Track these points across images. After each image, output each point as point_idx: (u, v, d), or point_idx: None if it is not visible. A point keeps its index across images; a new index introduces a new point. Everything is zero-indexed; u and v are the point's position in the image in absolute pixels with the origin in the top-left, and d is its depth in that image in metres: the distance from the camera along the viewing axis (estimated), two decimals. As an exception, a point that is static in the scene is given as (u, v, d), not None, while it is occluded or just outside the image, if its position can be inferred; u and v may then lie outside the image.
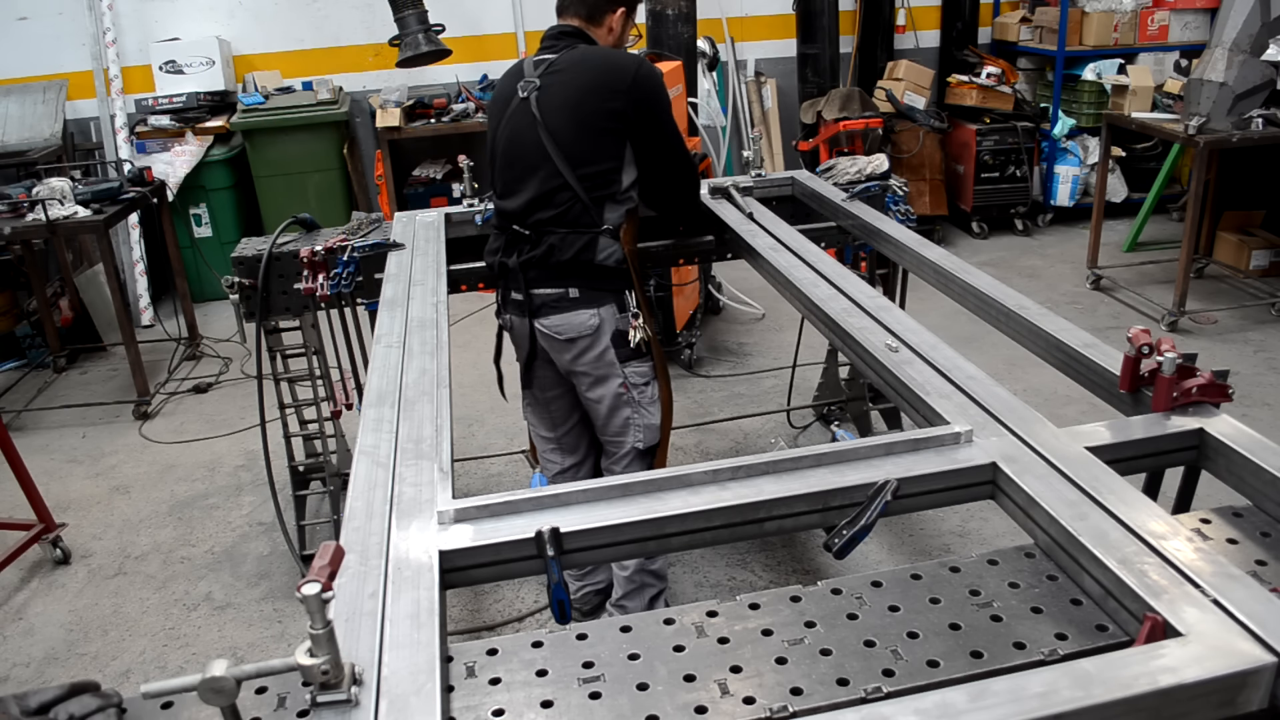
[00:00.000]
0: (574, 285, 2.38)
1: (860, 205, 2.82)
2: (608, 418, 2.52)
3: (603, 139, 2.34)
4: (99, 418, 4.48)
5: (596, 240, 2.36)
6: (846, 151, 5.43)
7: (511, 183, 2.43)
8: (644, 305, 2.46)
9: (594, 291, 2.39)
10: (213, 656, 1.23)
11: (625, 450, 2.55)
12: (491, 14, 6.28)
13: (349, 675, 1.01)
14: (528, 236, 2.39)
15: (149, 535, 3.49)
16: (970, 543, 3.17)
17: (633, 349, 2.44)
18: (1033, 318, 1.92)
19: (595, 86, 2.32)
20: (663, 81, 2.43)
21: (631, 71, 2.32)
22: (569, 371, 2.51)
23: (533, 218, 2.37)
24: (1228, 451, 1.42)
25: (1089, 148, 6.28)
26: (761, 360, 4.70)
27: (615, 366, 2.44)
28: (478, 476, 3.77)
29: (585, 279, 2.37)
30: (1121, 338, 1.59)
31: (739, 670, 1.09)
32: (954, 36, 6.58)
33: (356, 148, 6.19)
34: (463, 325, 5.25)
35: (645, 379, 2.50)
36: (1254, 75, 4.51)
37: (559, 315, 2.40)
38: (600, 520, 1.31)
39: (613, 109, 2.31)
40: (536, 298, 2.42)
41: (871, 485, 1.36)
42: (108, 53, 5.76)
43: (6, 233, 4.09)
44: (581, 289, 2.38)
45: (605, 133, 2.33)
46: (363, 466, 1.48)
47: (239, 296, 2.79)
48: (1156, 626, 1.05)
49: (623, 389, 2.46)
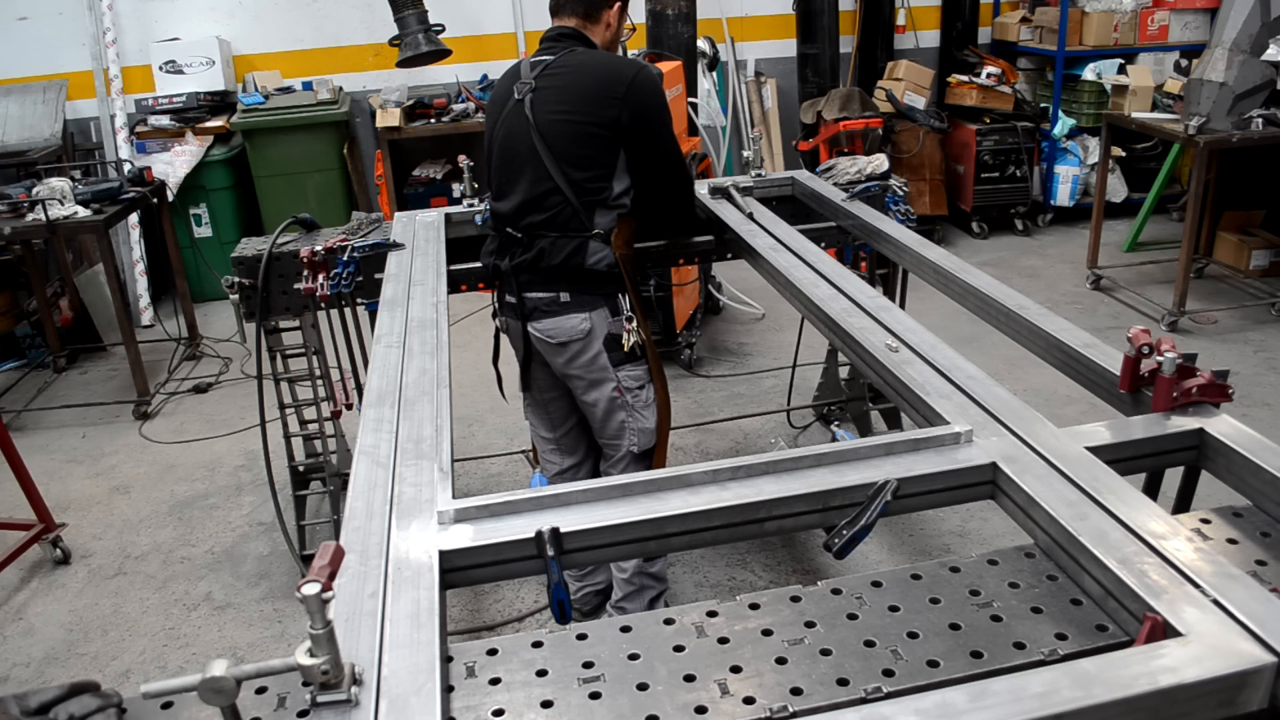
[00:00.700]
0: (564, 289, 2.37)
1: (860, 205, 2.82)
2: (603, 421, 2.52)
3: (595, 145, 2.32)
4: (99, 418, 4.48)
5: (586, 245, 2.35)
6: (846, 151, 5.43)
7: (505, 185, 2.43)
8: (638, 308, 2.44)
9: (585, 295, 2.38)
10: (213, 656, 1.23)
11: (621, 454, 2.55)
12: (491, 14, 6.28)
13: (349, 675, 1.01)
14: (519, 239, 2.39)
15: (149, 535, 3.49)
16: (970, 543, 3.17)
17: (626, 353, 2.42)
18: (1033, 318, 1.92)
19: (592, 93, 2.31)
20: (661, 88, 2.42)
21: (628, 79, 2.30)
22: (563, 375, 2.51)
23: (524, 220, 2.37)
24: (1228, 451, 1.42)
25: (1089, 148, 6.28)
26: (761, 360, 4.70)
27: (608, 370, 2.43)
28: (478, 476, 3.77)
29: (575, 283, 2.37)
30: (1121, 338, 1.59)
31: (739, 670, 1.09)
32: (954, 36, 6.58)
33: (356, 148, 6.19)
34: (463, 325, 5.25)
35: (640, 382, 2.49)
36: (1254, 75, 4.51)
37: (551, 319, 2.40)
38: (600, 520, 1.31)
39: (607, 116, 2.29)
40: (529, 301, 2.41)
41: (871, 485, 1.36)
42: (108, 53, 5.76)
43: (6, 233, 4.09)
44: (572, 293, 2.37)
45: (598, 139, 2.32)
46: (363, 466, 1.48)
47: (239, 296, 2.79)
48: (1156, 626, 1.04)
49: (616, 393, 2.46)
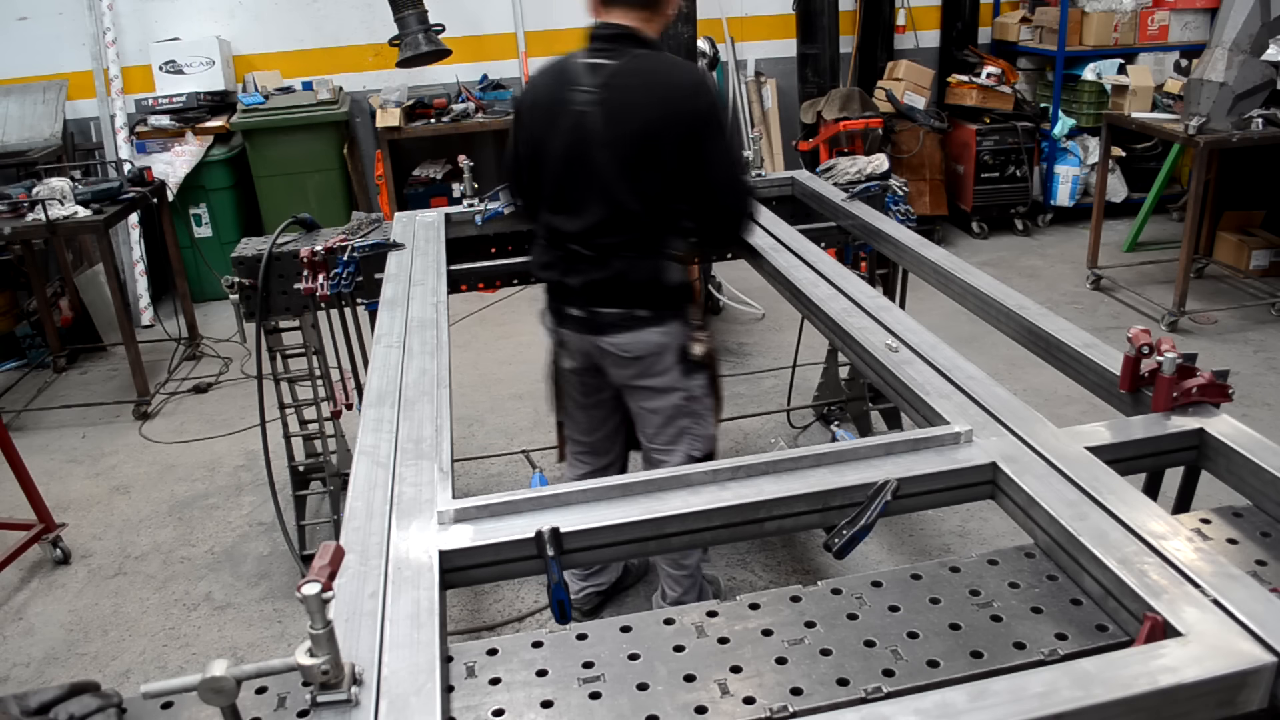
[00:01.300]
0: (641, 306, 2.33)
1: (860, 205, 2.83)
2: (661, 428, 2.48)
3: (673, 163, 2.21)
4: (99, 418, 4.48)
5: (665, 265, 2.32)
6: (846, 151, 5.43)
7: (573, 202, 2.30)
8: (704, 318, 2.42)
9: (662, 310, 2.34)
10: (213, 656, 1.23)
11: (676, 460, 2.49)
12: (491, 14, 6.28)
13: (349, 675, 1.01)
14: (590, 258, 2.30)
15: (149, 535, 3.49)
16: (970, 543, 3.17)
17: (695, 363, 2.42)
18: (1033, 318, 1.92)
19: (664, 110, 2.19)
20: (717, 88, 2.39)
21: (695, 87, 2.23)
22: (626, 386, 2.46)
23: (598, 240, 2.28)
24: (1228, 451, 1.42)
25: (1089, 148, 6.27)
26: (761, 360, 4.70)
27: (678, 380, 2.41)
28: (478, 476, 3.77)
29: (654, 300, 2.33)
30: (1121, 338, 1.59)
31: (739, 670, 1.09)
32: (954, 36, 6.57)
33: (356, 148, 6.19)
34: (463, 325, 5.25)
35: (704, 390, 2.47)
36: (1254, 75, 4.51)
37: (626, 334, 2.34)
38: (600, 520, 1.31)
39: (682, 131, 2.19)
40: (602, 316, 2.35)
41: (871, 485, 1.36)
42: (108, 53, 5.76)
43: (6, 233, 4.09)
44: (650, 309, 2.33)
45: (674, 156, 2.21)
46: (363, 466, 1.48)
47: (239, 296, 2.79)
48: (1156, 626, 1.05)
49: (684, 401, 2.44)
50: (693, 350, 2.40)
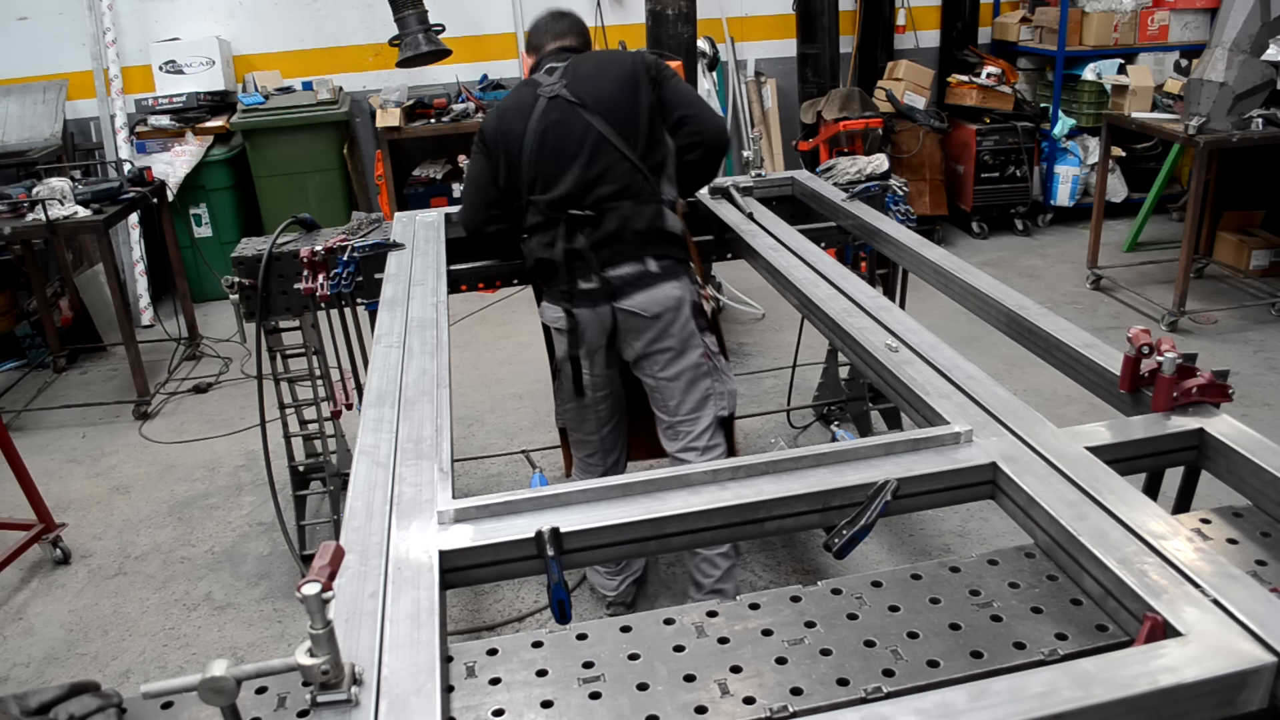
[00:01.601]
0: (651, 259, 2.42)
1: (860, 205, 2.83)
2: (684, 394, 2.53)
3: (645, 114, 2.43)
4: (99, 418, 4.48)
5: (663, 210, 2.44)
6: (846, 151, 5.43)
7: (554, 173, 2.42)
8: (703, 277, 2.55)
9: (672, 263, 2.45)
10: (213, 656, 1.23)
11: (704, 426, 2.55)
12: (491, 14, 6.28)
13: (349, 675, 1.01)
14: (589, 217, 2.39)
15: (149, 535, 3.49)
16: (970, 543, 3.17)
17: (707, 319, 2.54)
18: (1033, 318, 1.92)
19: (620, 72, 2.46)
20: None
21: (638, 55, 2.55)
22: (644, 354, 2.51)
23: (592, 195, 2.39)
24: (1228, 451, 1.42)
25: (1089, 148, 6.27)
26: (761, 360, 4.70)
27: (697, 335, 2.50)
28: (478, 476, 3.77)
29: (661, 250, 2.43)
30: (1121, 338, 1.59)
31: (739, 670, 1.09)
32: (954, 36, 6.57)
33: (356, 148, 6.19)
34: (463, 325, 5.25)
35: (717, 348, 2.58)
36: (1254, 75, 4.51)
37: (643, 292, 2.42)
38: (600, 520, 1.31)
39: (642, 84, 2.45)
40: (615, 279, 2.42)
41: (871, 485, 1.36)
42: (108, 53, 5.76)
43: (6, 233, 4.09)
44: (660, 262, 2.43)
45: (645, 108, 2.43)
46: (363, 466, 1.48)
47: (239, 296, 2.79)
48: (1156, 626, 1.05)
49: (704, 359, 2.52)
50: (705, 305, 2.53)
